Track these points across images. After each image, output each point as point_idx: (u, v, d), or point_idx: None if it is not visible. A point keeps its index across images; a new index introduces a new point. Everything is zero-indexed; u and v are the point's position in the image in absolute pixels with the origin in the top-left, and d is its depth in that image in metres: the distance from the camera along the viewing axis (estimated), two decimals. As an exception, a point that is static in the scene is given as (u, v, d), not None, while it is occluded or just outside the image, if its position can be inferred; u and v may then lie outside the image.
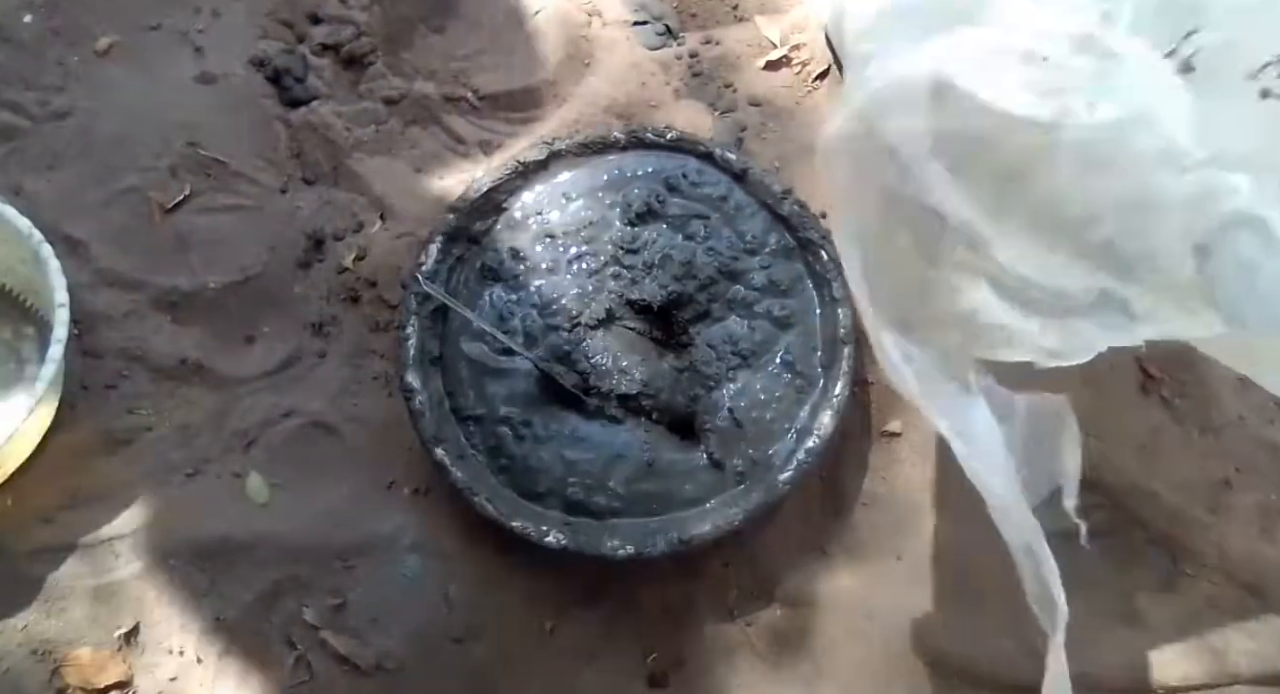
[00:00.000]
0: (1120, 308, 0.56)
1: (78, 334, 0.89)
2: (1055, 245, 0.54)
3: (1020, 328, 0.58)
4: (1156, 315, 0.56)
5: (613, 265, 0.90)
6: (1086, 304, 0.56)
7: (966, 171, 0.55)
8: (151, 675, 0.82)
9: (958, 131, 0.55)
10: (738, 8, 1.08)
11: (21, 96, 0.98)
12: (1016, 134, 0.53)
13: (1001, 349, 0.60)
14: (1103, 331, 0.57)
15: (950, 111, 0.55)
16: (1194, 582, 0.87)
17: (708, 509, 0.84)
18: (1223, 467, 0.91)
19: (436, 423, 0.85)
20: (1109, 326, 0.57)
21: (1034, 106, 0.51)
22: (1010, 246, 0.55)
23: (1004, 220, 0.55)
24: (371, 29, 1.03)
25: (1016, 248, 0.55)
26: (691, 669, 0.84)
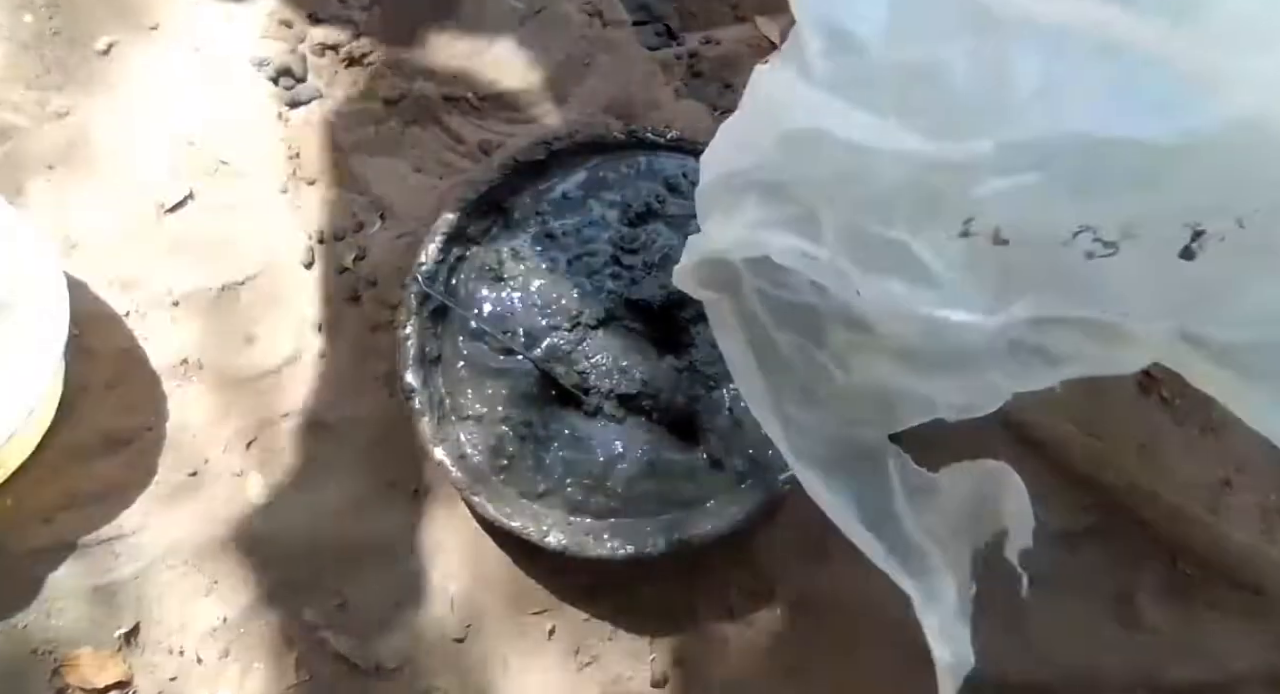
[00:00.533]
0: (1037, 353, 0.57)
1: (78, 334, 0.89)
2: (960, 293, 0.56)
3: (924, 391, 0.60)
4: (1075, 355, 0.57)
5: (612, 265, 0.90)
6: (995, 355, 0.57)
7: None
8: (151, 675, 0.82)
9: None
10: (738, 8, 1.08)
11: (21, 96, 0.98)
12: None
13: (914, 414, 0.62)
14: (1016, 379, 0.58)
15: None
16: (1194, 582, 0.87)
17: (708, 509, 0.84)
18: (1222, 467, 0.91)
19: (436, 423, 0.85)
20: (1021, 374, 0.58)
21: (827, 284, 0.57)
22: (891, 322, 0.57)
23: (858, 284, 0.57)
24: (372, 29, 1.03)
25: (897, 321, 0.57)
26: (691, 669, 0.84)
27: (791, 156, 0.57)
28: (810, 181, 0.56)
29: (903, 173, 0.53)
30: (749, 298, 0.63)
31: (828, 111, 0.55)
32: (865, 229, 0.55)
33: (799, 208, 0.57)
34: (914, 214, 0.54)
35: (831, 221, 0.56)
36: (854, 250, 0.55)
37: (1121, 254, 0.53)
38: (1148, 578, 0.88)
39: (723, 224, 0.60)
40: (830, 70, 0.57)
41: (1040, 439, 0.90)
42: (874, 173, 0.54)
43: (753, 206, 0.59)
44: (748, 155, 0.59)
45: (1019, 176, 0.51)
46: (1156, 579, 0.88)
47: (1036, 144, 0.51)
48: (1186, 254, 0.53)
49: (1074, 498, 0.89)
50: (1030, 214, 0.53)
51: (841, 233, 0.56)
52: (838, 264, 0.55)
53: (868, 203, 0.54)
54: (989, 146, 0.51)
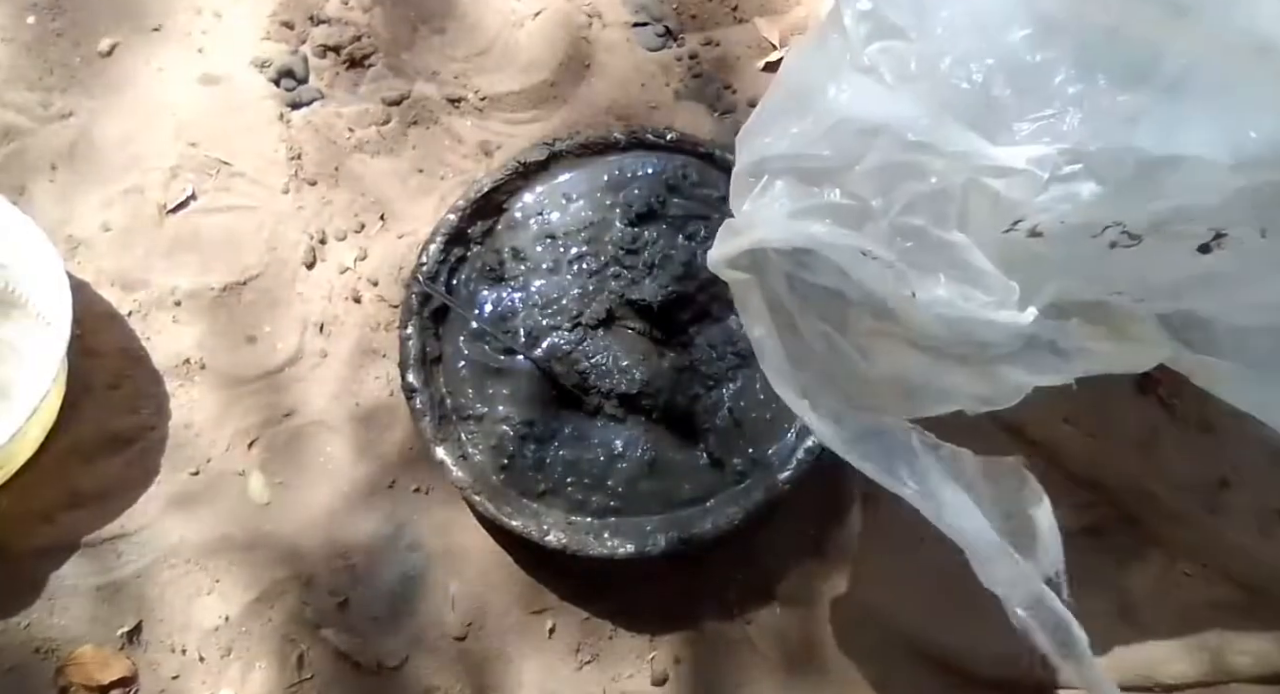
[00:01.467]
0: (1050, 348, 0.59)
1: (80, 334, 0.89)
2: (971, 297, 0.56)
3: (947, 381, 0.60)
4: (1089, 351, 0.59)
5: (613, 265, 0.90)
6: (1013, 350, 0.58)
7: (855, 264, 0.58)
8: (154, 673, 0.82)
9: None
10: (738, 9, 1.08)
11: (24, 97, 0.98)
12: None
13: (933, 405, 0.62)
14: (1031, 374, 0.59)
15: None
16: (1193, 582, 0.87)
17: (708, 508, 0.84)
18: (1221, 466, 0.91)
19: (436, 423, 0.85)
20: (1038, 368, 0.59)
21: (879, 275, 0.56)
22: (917, 313, 0.57)
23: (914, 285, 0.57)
24: (373, 30, 1.04)
25: (922, 311, 0.57)
26: (691, 669, 0.84)
27: (843, 147, 0.56)
28: (863, 174, 0.56)
29: (961, 174, 0.53)
30: (776, 281, 0.62)
31: (888, 105, 0.54)
32: (919, 227, 0.55)
33: (848, 200, 0.56)
34: (966, 213, 0.54)
35: (885, 217, 0.55)
36: (906, 248, 0.55)
37: (1143, 245, 0.55)
38: (1147, 578, 0.88)
39: (762, 209, 0.59)
40: (879, 59, 0.56)
41: (1040, 439, 0.90)
42: (933, 171, 0.54)
43: (792, 192, 0.58)
44: (790, 140, 0.58)
45: (1076, 185, 0.52)
46: (1155, 579, 0.88)
47: (1096, 155, 0.52)
48: (1204, 249, 0.55)
49: (1074, 498, 0.89)
50: (1074, 216, 0.54)
51: (895, 229, 0.55)
52: (894, 263, 0.55)
53: (923, 200, 0.54)
54: (1052, 154, 0.52)
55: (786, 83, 0.62)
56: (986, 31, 0.56)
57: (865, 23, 0.57)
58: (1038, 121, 0.54)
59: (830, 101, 0.56)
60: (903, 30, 0.56)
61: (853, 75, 0.57)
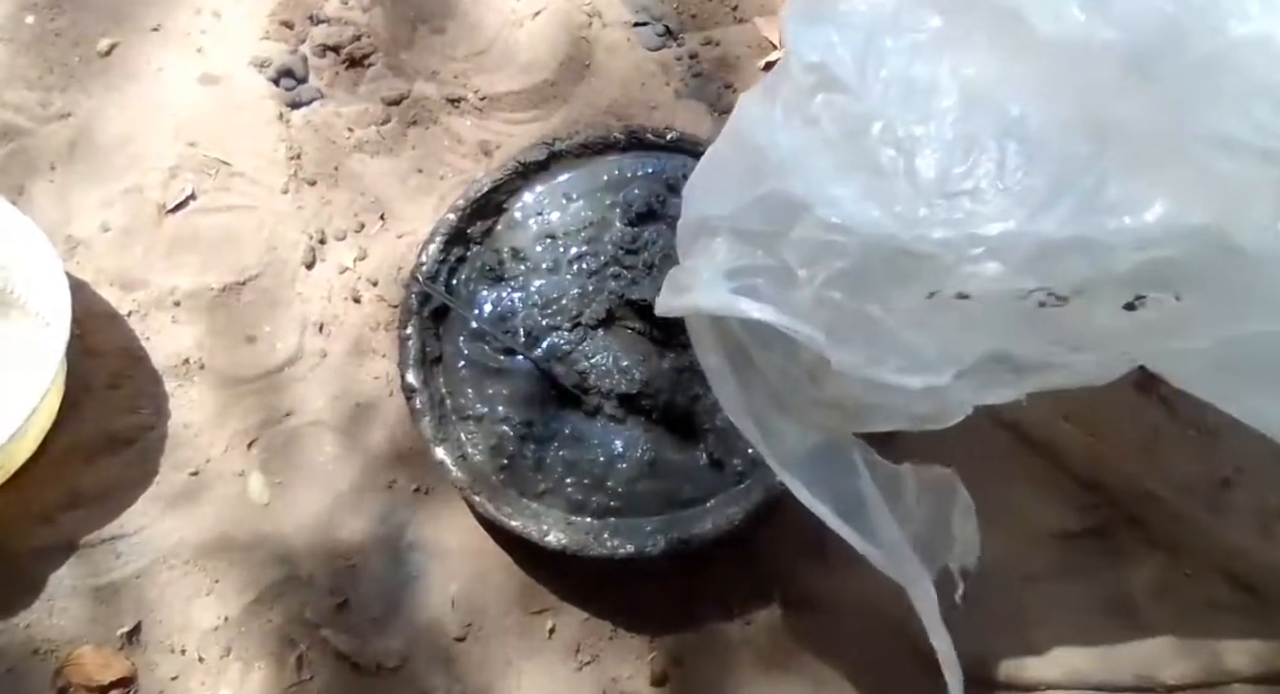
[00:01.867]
0: (1005, 363, 0.61)
1: (79, 334, 0.89)
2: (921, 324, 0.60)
3: (888, 402, 0.63)
4: (1050, 363, 0.62)
5: (613, 265, 0.90)
6: (963, 369, 0.60)
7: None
8: (153, 674, 0.82)
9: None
10: (738, 9, 1.08)
11: (23, 97, 0.98)
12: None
13: (876, 423, 0.65)
14: (979, 392, 0.62)
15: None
16: (1193, 582, 0.87)
17: (708, 508, 0.84)
18: (1221, 466, 0.91)
19: (436, 423, 0.85)
20: (988, 386, 0.61)
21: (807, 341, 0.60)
22: (854, 352, 0.60)
23: (831, 354, 0.60)
24: (372, 30, 1.04)
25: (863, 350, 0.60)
26: (691, 669, 0.84)
27: (775, 215, 0.59)
28: (792, 244, 0.59)
29: (878, 255, 0.57)
30: (728, 317, 0.65)
31: (810, 180, 0.58)
32: (838, 301, 0.59)
33: (777, 263, 0.60)
34: (886, 285, 0.58)
35: (807, 287, 0.59)
36: (828, 318, 0.59)
37: (1070, 305, 0.58)
38: (1147, 578, 0.88)
39: (701, 270, 0.63)
40: (822, 111, 0.60)
41: (1040, 439, 0.90)
42: (850, 251, 0.57)
43: (731, 250, 0.62)
44: (727, 201, 0.62)
45: (981, 265, 0.56)
46: (1156, 579, 0.87)
47: (996, 239, 0.55)
48: (1129, 307, 0.58)
49: (1074, 498, 0.89)
50: (993, 285, 0.57)
51: (818, 300, 0.59)
52: (813, 336, 0.59)
53: (842, 275, 0.58)
54: (958, 237, 0.56)
55: (732, 131, 0.65)
56: (916, 98, 0.59)
57: (812, 74, 0.60)
58: (954, 198, 0.57)
59: (768, 166, 0.60)
60: (845, 85, 0.60)
61: (794, 134, 0.60)
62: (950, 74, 0.59)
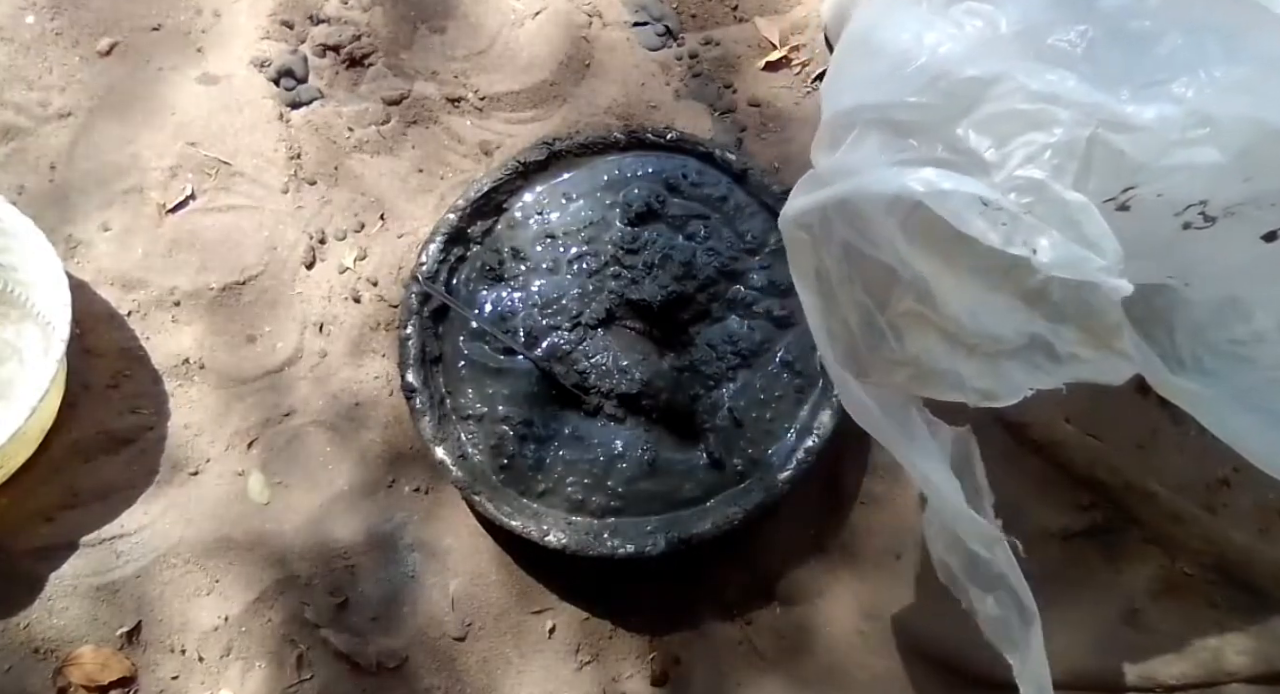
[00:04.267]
0: (1047, 351, 0.59)
1: (79, 333, 0.89)
2: (996, 288, 0.56)
3: (959, 371, 0.61)
4: (1078, 357, 0.59)
5: (613, 265, 0.90)
6: (1017, 347, 0.58)
7: (919, 234, 0.57)
8: (153, 674, 0.82)
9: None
10: (738, 8, 1.08)
11: (24, 97, 0.98)
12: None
13: (943, 391, 0.63)
14: (1029, 374, 0.59)
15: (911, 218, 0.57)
16: (1193, 582, 0.87)
17: (708, 508, 0.84)
18: (1221, 466, 0.91)
19: (437, 422, 0.85)
20: (1035, 368, 0.59)
21: (987, 230, 0.53)
22: (954, 298, 0.57)
23: (950, 272, 0.57)
24: (372, 30, 1.04)
25: (959, 297, 0.57)
26: (691, 668, 0.84)
27: (950, 97, 0.54)
28: (974, 125, 0.53)
29: (1087, 127, 0.51)
30: (832, 248, 0.61)
31: (1005, 56, 0.52)
32: (1039, 181, 0.52)
33: (952, 154, 0.54)
34: (1086, 172, 0.52)
35: (1000, 170, 0.53)
36: (1022, 204, 0.53)
37: (1214, 228, 0.54)
38: (1147, 578, 0.88)
39: (857, 159, 0.56)
40: (965, 19, 0.54)
41: (1040, 439, 0.90)
42: (1058, 121, 0.52)
43: (887, 144, 0.56)
44: (885, 89, 0.56)
45: (1199, 150, 0.51)
46: (1156, 579, 0.88)
47: (1222, 120, 0.51)
48: (1268, 237, 0.55)
49: (1074, 498, 0.89)
50: (1175, 190, 0.52)
51: (1011, 183, 0.53)
52: (1018, 215, 0.52)
53: (1046, 153, 0.52)
54: (1179, 115, 0.50)
55: (865, 35, 0.59)
56: (1070, 2, 0.54)
57: None
58: (1151, 87, 0.52)
59: (930, 52, 0.54)
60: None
61: (947, 27, 0.55)
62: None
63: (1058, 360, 0.59)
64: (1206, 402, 0.60)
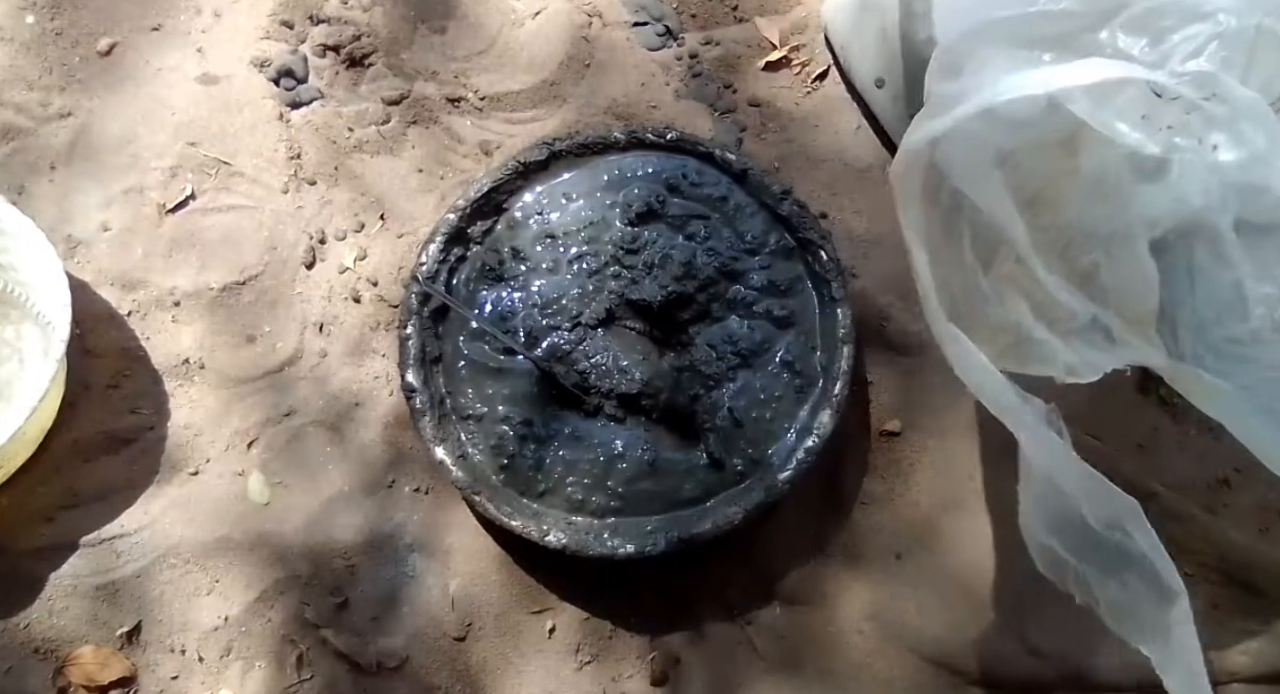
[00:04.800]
0: (1105, 332, 0.58)
1: (79, 333, 0.89)
2: (1050, 268, 0.56)
3: (1050, 344, 0.59)
4: (1128, 342, 0.58)
5: (613, 265, 0.90)
6: (1083, 326, 0.58)
7: (1013, 192, 0.55)
8: (153, 674, 0.82)
9: (1015, 151, 0.54)
10: (738, 8, 1.08)
11: (24, 97, 0.98)
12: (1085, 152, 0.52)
13: (1034, 363, 0.60)
14: (1098, 352, 0.59)
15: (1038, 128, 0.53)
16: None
17: (708, 508, 0.84)
18: (1221, 466, 0.91)
19: (436, 423, 0.85)
20: (1099, 349, 0.58)
21: (1146, 140, 0.50)
22: (1039, 265, 0.56)
23: (1035, 239, 0.56)
24: (373, 30, 1.04)
25: (1043, 266, 0.56)
26: (691, 668, 0.85)
27: (1095, 2, 0.50)
28: (1125, 24, 0.49)
29: (1253, 17, 0.48)
30: (943, 200, 0.59)
31: None
32: (1210, 74, 0.48)
33: (1115, 65, 0.49)
34: (1251, 67, 0.49)
35: (1163, 67, 0.49)
36: (1200, 103, 0.49)
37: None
38: (1147, 577, 0.88)
39: (984, 77, 0.52)
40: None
41: (1040, 439, 0.90)
42: (1223, 8, 0.48)
43: (1017, 64, 0.51)
44: (1004, 7, 0.52)
45: None
46: (1156, 579, 0.88)
47: None
48: None
49: (1073, 497, 0.89)
50: None
51: (1178, 79, 0.49)
52: (1198, 103, 0.48)
53: (1214, 43, 0.48)
54: None
55: None
56: None
57: None
58: None
59: None
60: None
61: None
62: None
63: (1113, 341, 0.58)
64: (1224, 397, 0.59)
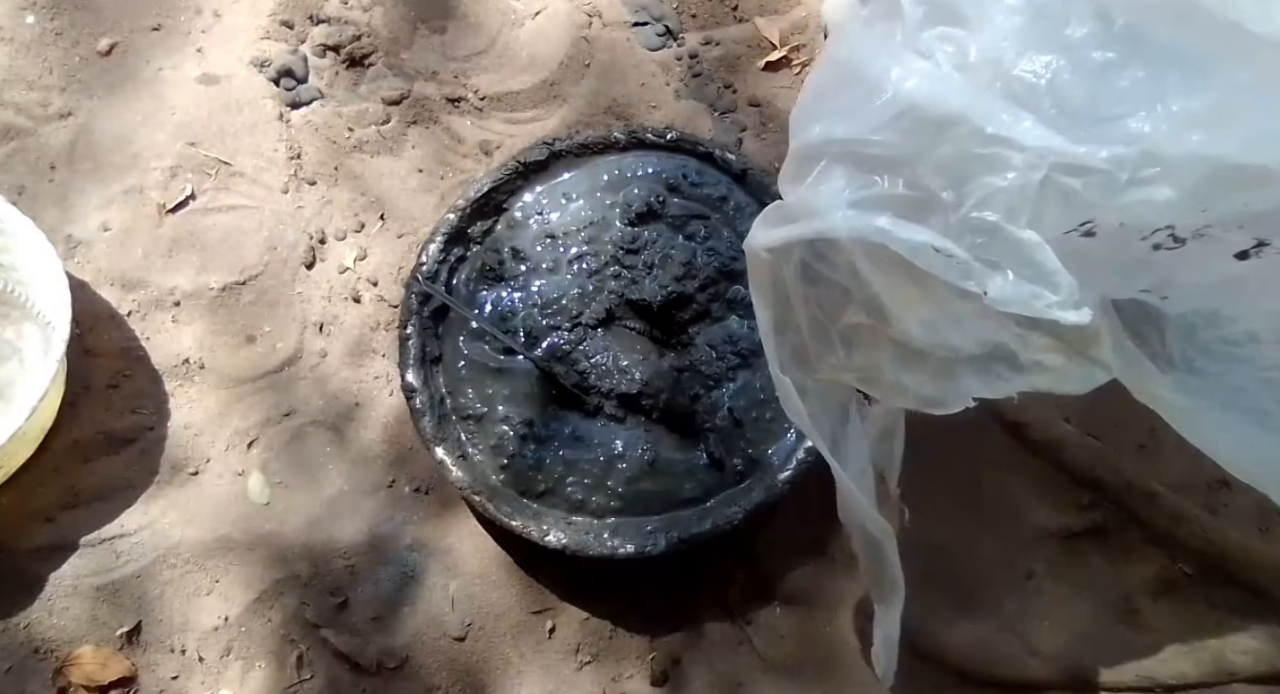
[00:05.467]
0: (1009, 360, 0.59)
1: (79, 333, 0.89)
2: (965, 296, 0.56)
3: (907, 381, 0.61)
4: (1042, 365, 0.60)
5: (613, 265, 0.90)
6: (974, 356, 0.59)
7: (883, 258, 0.58)
8: (153, 674, 0.82)
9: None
10: (738, 8, 1.08)
11: (24, 97, 0.98)
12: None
13: (888, 396, 0.64)
14: (983, 382, 0.60)
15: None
16: (1193, 582, 0.87)
17: (708, 508, 0.84)
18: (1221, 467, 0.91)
19: (436, 423, 0.85)
20: (992, 377, 0.60)
21: (944, 273, 0.55)
22: (908, 313, 0.58)
23: (912, 286, 0.57)
24: (373, 30, 1.04)
25: (916, 311, 0.57)
26: (691, 669, 0.84)
27: (911, 136, 0.54)
28: (933, 166, 0.54)
29: (1040, 171, 0.52)
30: (792, 266, 0.62)
31: (963, 96, 0.53)
32: (993, 223, 0.53)
33: (914, 192, 0.55)
34: (1040, 211, 0.53)
35: (956, 212, 0.54)
36: (976, 245, 0.54)
37: (1185, 248, 0.55)
38: (1147, 578, 0.88)
39: (822, 197, 0.57)
40: (936, 46, 0.55)
41: (1040, 439, 0.90)
42: (1011, 166, 0.52)
43: (852, 180, 0.57)
44: (850, 125, 0.57)
45: (1152, 189, 0.52)
46: (1156, 579, 0.88)
47: (1174, 159, 0.51)
48: (1241, 256, 0.55)
49: (1074, 498, 0.89)
50: (1136, 219, 0.53)
51: (966, 225, 0.54)
52: (967, 260, 0.53)
53: (999, 196, 0.53)
54: (1131, 155, 0.51)
55: (838, 62, 0.60)
56: (1047, 27, 0.54)
57: (923, 5, 0.56)
58: (1111, 122, 0.53)
59: (895, 87, 0.55)
60: (962, 17, 0.55)
61: (914, 61, 0.55)
62: (1085, 2, 0.54)
63: (1019, 369, 0.60)
64: (1185, 410, 0.61)
